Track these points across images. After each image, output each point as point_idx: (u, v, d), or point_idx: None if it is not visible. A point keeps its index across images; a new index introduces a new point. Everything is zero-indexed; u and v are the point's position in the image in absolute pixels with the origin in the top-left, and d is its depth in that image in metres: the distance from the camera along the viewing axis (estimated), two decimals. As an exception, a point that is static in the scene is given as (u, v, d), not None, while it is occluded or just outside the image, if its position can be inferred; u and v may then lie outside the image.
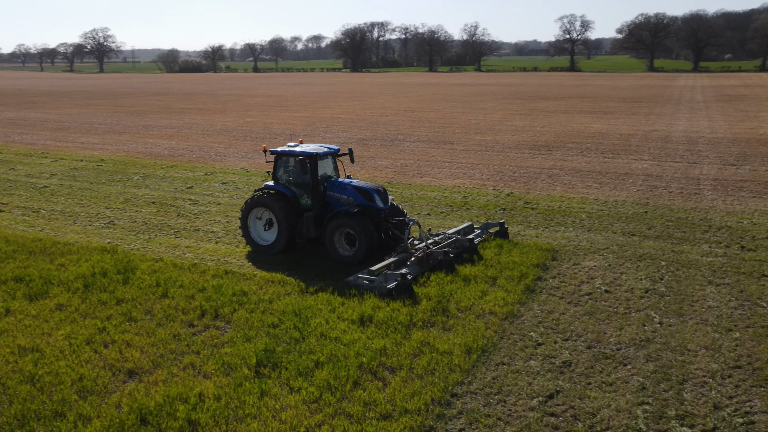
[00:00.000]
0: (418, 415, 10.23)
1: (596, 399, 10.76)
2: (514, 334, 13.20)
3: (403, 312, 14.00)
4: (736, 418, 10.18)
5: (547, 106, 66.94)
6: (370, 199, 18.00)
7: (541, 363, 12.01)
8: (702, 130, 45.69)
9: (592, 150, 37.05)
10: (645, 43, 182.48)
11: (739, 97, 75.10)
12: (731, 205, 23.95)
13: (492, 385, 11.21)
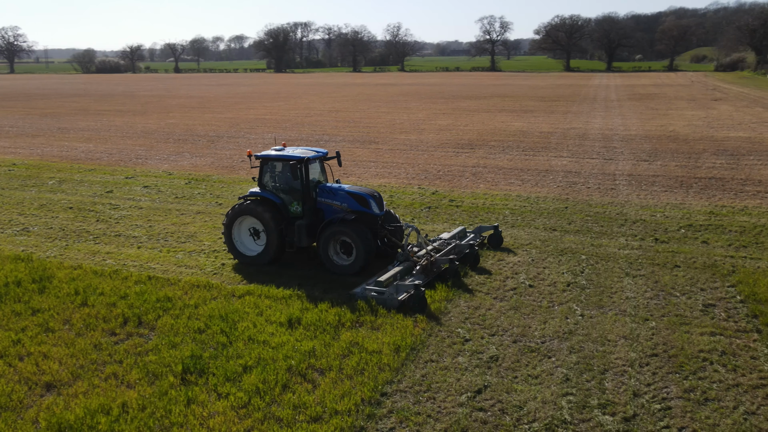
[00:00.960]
0: (348, 416, 10.22)
1: (523, 392, 11.00)
2: (442, 331, 13.35)
3: (331, 313, 13.96)
4: (654, 404, 10.60)
5: (469, 105, 68.09)
6: (365, 205, 17.10)
7: (469, 359, 12.20)
8: (616, 127, 47.39)
9: (514, 148, 37.89)
10: (561, 44, 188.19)
11: (649, 96, 78.29)
12: (645, 199, 24.93)
13: (421, 383, 11.31)
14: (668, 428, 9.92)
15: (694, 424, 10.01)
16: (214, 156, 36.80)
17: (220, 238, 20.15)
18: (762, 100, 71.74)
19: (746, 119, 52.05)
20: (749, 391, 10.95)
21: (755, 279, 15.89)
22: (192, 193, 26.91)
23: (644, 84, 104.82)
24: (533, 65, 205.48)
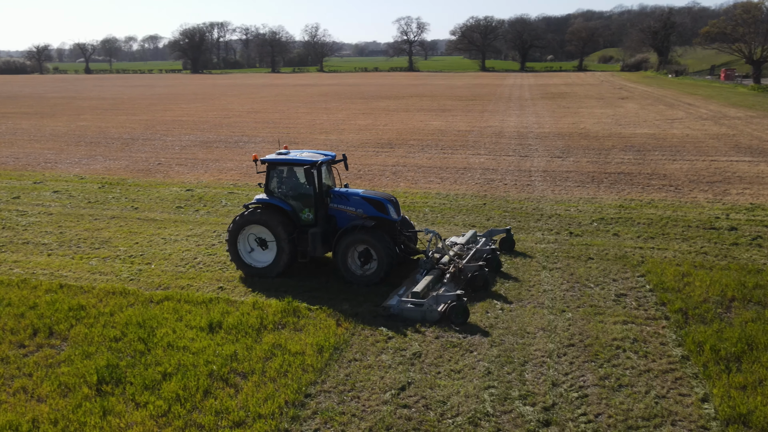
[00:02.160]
0: (272, 419, 10.09)
1: (446, 387, 11.14)
2: (366, 330, 13.36)
3: (253, 315, 13.76)
4: (572, 392, 10.93)
5: (388, 105, 68.53)
6: (383, 211, 16.22)
7: (393, 356, 12.26)
8: (531, 125, 48.69)
9: (433, 146, 38.36)
10: (476, 45, 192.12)
11: (561, 95, 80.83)
12: (559, 194, 25.70)
13: (345, 382, 11.29)
14: (585, 415, 10.24)
15: (609, 410, 10.38)
16: (129, 159, 35.67)
17: (137, 243, 19.56)
18: (665, 98, 75.18)
19: (651, 117, 54.42)
20: (659, 375, 11.43)
21: (662, 268, 16.62)
22: (106, 198, 25.99)
23: (556, 83, 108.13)
24: (450, 65, 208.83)
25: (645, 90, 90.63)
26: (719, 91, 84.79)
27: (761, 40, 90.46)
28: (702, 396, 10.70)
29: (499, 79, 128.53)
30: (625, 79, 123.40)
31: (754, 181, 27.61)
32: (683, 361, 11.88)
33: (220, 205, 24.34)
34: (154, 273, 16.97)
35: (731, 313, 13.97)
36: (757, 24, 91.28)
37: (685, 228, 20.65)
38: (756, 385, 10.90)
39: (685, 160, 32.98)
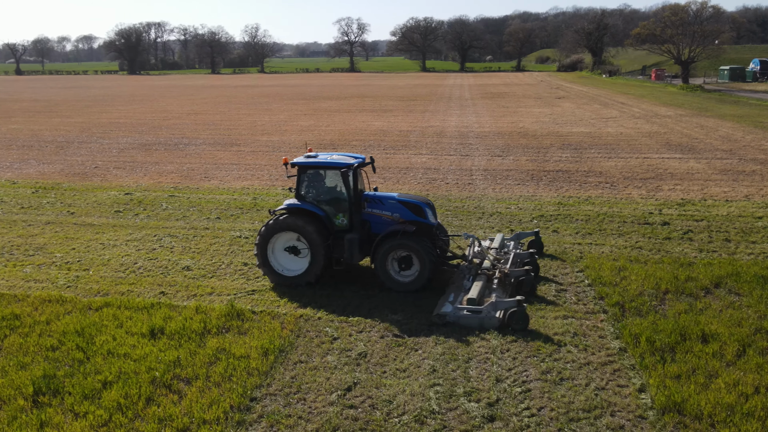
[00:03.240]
0: (217, 424, 9.97)
1: (392, 386, 11.20)
2: (310, 331, 13.33)
3: (196, 320, 13.57)
4: (515, 387, 11.13)
5: (330, 105, 68.43)
6: (420, 215, 15.72)
7: (338, 357, 12.26)
8: (471, 125, 49.34)
9: (375, 147, 38.48)
10: (417, 45, 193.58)
11: (500, 95, 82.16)
12: (500, 192, 26.13)
13: (291, 385, 11.24)
14: (528, 409, 10.45)
15: (551, 403, 10.61)
16: (64, 162, 34.63)
17: (73, 249, 19.03)
18: (599, 97, 77.20)
19: (586, 116, 55.82)
20: (599, 368, 11.75)
21: (600, 263, 17.08)
22: (40, 203, 25.18)
23: (495, 83, 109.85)
24: (391, 66, 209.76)
25: (580, 90, 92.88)
26: (650, 91, 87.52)
27: (688, 42, 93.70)
28: (639, 386, 11.04)
29: (439, 79, 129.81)
30: (561, 79, 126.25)
31: (684, 178, 28.61)
32: (621, 353, 12.24)
33: (160, 208, 23.87)
34: (93, 279, 16.55)
35: (665, 305, 14.46)
36: (685, 26, 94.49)
37: (621, 224, 21.26)
38: (689, 374, 11.32)
39: (619, 158, 33.93)
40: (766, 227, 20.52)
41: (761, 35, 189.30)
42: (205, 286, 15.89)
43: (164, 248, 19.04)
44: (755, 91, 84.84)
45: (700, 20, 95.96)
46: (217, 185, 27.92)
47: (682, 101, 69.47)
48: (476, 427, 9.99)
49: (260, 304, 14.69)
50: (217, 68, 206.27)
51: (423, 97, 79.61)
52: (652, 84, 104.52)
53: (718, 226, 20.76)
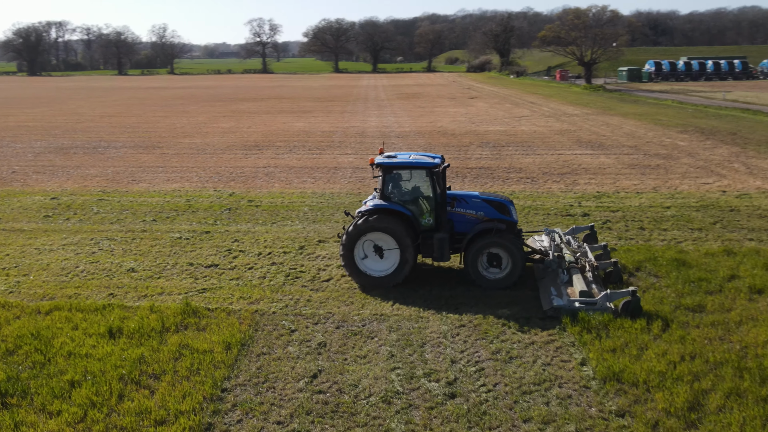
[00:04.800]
0: (194, 414, 10.31)
1: (355, 372, 11.81)
2: (267, 325, 13.76)
3: (152, 319, 13.74)
4: (470, 367, 11.97)
5: (248, 107, 68.09)
6: (505, 212, 15.95)
7: (299, 347, 12.76)
8: (391, 125, 50.39)
9: (300, 147, 38.85)
10: (330, 47, 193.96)
11: (415, 95, 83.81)
12: (429, 190, 27.06)
13: (258, 375, 11.67)
14: (485, 386, 11.29)
15: (504, 379, 11.50)
16: (-26, 168, 33.27)
17: (7, 254, 18.62)
18: (510, 97, 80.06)
19: (500, 115, 57.95)
20: (542, 346, 12.75)
21: (532, 253, 18.20)
22: (-42, 210, 24.26)
23: (408, 84, 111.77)
24: (303, 67, 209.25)
25: (491, 90, 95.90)
26: (557, 91, 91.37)
27: (590, 44, 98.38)
28: (580, 360, 12.10)
29: (353, 80, 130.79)
30: (471, 79, 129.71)
31: (597, 172, 30.46)
32: (560, 332, 13.29)
33: (91, 212, 23.51)
34: (35, 284, 16.33)
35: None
36: (587, 29, 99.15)
37: (546, 216, 22.59)
38: (623, 347, 12.46)
39: (536, 155, 35.65)
40: (674, 216, 22.28)
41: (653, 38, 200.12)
42: (155, 287, 16.00)
43: (104, 251, 18.91)
44: (651, 90, 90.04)
45: (600, 24, 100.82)
46: (147, 188, 27.65)
47: (587, 100, 72.96)
48: (439, 403, 10.73)
49: (213, 302, 14.98)
50: (124, 69, 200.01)
51: (340, 98, 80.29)
52: (558, 84, 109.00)
53: (632, 216, 22.39)
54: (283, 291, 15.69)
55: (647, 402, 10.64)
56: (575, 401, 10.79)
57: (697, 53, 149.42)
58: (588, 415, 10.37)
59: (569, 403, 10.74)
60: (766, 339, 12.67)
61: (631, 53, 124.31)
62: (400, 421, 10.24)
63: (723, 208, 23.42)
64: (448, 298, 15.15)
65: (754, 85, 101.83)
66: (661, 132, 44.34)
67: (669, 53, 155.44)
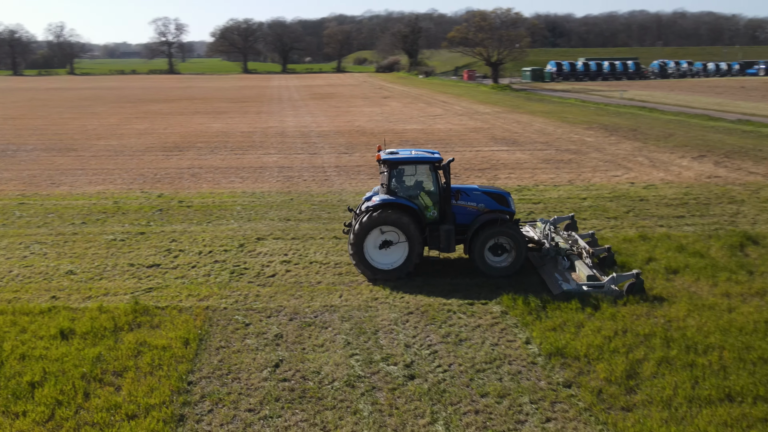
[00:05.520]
0: (165, 407, 10.47)
1: (315, 360, 12.23)
2: (221, 320, 13.96)
3: (103, 319, 13.69)
4: (424, 350, 12.61)
5: (161, 108, 66.63)
6: (504, 204, 16.77)
7: (257, 340, 13.05)
8: (309, 125, 50.67)
9: (221, 148, 38.60)
10: (238, 47, 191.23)
11: (328, 95, 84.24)
12: (357, 186, 27.65)
13: (221, 367, 11.91)
14: (440, 366, 11.95)
15: (458, 360, 12.21)
16: None
17: (-68, 261, 17.87)
18: (422, 97, 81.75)
19: (415, 114, 59.24)
20: (488, 329, 13.55)
21: (467, 243, 19.08)
22: None
23: (320, 84, 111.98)
24: (211, 67, 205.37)
25: (402, 89, 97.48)
26: (466, 90, 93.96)
27: (497, 45, 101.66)
28: (525, 339, 12.97)
29: (264, 80, 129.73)
30: (381, 79, 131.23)
31: (515, 167, 31.88)
32: (503, 315, 14.15)
33: (14, 216, 22.72)
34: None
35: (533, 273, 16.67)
36: (493, 31, 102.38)
37: (473, 209, 23.53)
38: (562, 326, 13.42)
39: (454, 152, 36.80)
40: (591, 206, 23.75)
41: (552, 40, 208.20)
42: (98, 288, 15.84)
43: (37, 255, 18.46)
44: (554, 90, 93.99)
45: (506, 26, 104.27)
46: (69, 191, 26.91)
47: (496, 99, 75.49)
48: (401, 385, 11.32)
49: (162, 300, 15.00)
50: (19, 69, 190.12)
51: (253, 98, 79.69)
52: (466, 84, 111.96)
53: (553, 207, 23.70)
54: (230, 287, 15.88)
55: (590, 373, 11.60)
56: (525, 376, 11.61)
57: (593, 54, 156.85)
58: (538, 387, 11.21)
59: (520, 377, 11.55)
60: (685, 313, 13.94)
61: (533, 54, 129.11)
62: (367, 402, 10.75)
63: (633, 198, 25.13)
64: (393, 288, 15.75)
65: (647, 84, 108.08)
66: (569, 129, 46.60)
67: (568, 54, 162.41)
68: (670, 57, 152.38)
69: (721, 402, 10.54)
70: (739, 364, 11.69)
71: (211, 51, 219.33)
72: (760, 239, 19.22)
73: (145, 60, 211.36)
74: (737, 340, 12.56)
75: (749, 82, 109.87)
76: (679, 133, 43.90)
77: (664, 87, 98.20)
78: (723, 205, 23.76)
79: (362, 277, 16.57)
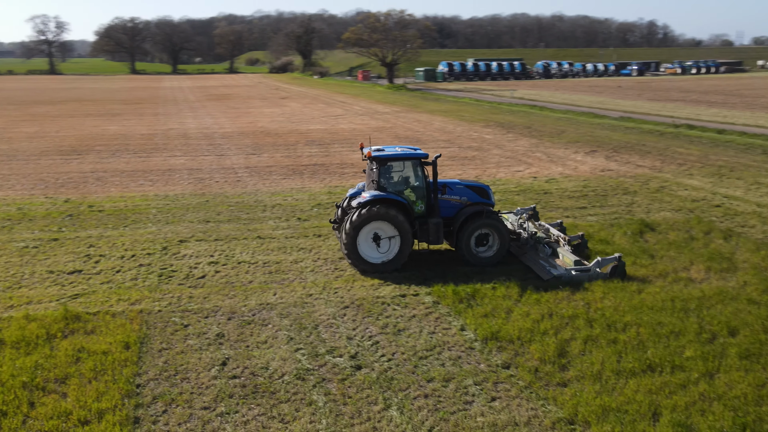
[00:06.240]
0: (118, 410, 10.36)
1: (262, 356, 12.39)
2: (158, 323, 13.83)
3: (33, 327, 13.26)
4: (366, 342, 13.03)
5: (48, 110, 63.52)
6: (486, 196, 17.62)
7: (198, 340, 13.05)
8: (211, 126, 49.91)
9: (123, 151, 37.47)
10: (124, 46, 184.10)
11: (225, 97, 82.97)
12: (271, 187, 27.68)
13: (167, 369, 11.86)
14: (384, 356, 12.40)
15: (400, 349, 12.71)
16: None
17: None
18: (320, 97, 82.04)
19: (316, 114, 59.50)
20: (423, 318, 14.14)
21: (390, 239, 19.63)
22: None
23: (215, 86, 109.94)
24: (95, 68, 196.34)
25: (299, 90, 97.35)
26: (363, 90, 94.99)
27: (391, 46, 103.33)
28: (460, 327, 13.64)
29: (155, 81, 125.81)
30: (276, 80, 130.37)
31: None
32: (435, 305, 14.78)
33: None
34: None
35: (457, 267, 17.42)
36: (387, 32, 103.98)
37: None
38: (493, 312, 14.18)
39: (363, 151, 37.38)
40: (500, 200, 24.80)
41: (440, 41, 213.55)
42: (20, 297, 15.25)
43: (-57, 265, 17.49)
44: (448, 89, 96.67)
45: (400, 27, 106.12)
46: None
47: (393, 99, 76.84)
48: (350, 375, 11.69)
49: (92, 306, 14.66)
50: None
51: (147, 100, 77.29)
52: (362, 84, 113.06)
53: (466, 202, 24.66)
54: (161, 290, 15.71)
55: (525, 354, 12.40)
56: (466, 360, 12.27)
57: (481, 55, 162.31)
58: (479, 370, 11.88)
59: (461, 362, 12.19)
60: (601, 295, 15.06)
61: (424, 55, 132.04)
62: (320, 393, 11.06)
63: (538, 191, 26.55)
64: (325, 284, 16.09)
65: (533, 84, 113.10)
66: (468, 127, 48.27)
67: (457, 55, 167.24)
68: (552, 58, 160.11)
69: (644, 373, 11.58)
70: (655, 338, 12.83)
71: (96, 50, 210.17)
72: (656, 226, 20.88)
73: (23, 60, 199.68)
74: (650, 318, 13.75)
75: (624, 81, 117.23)
76: (569, 130, 46.45)
77: (549, 86, 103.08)
78: (619, 196, 25.53)
79: (293, 274, 16.80)
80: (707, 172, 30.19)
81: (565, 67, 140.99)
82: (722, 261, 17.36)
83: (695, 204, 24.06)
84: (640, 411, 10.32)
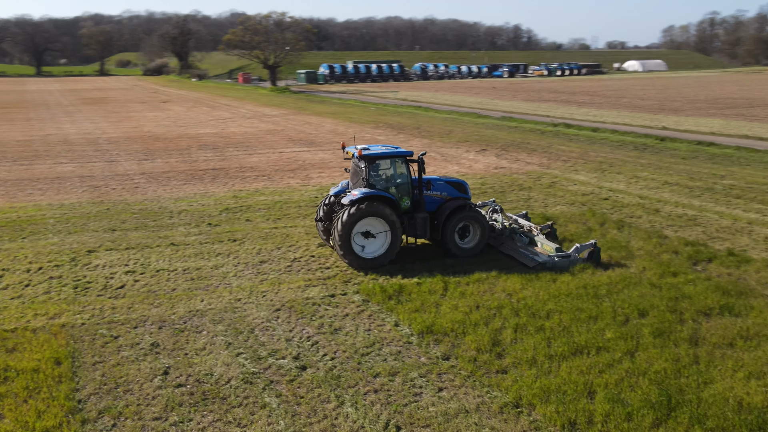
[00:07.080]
0: (65, 427, 9.97)
1: (204, 362, 12.23)
2: (85, 336, 13.31)
3: (-53, 349, 12.42)
4: (305, 342, 13.14)
5: None
6: (464, 191, 18.53)
7: (133, 351, 12.69)
8: (93, 131, 47.76)
9: (1, 158, 35.17)
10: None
11: (101, 100, 79.40)
12: (172, 192, 26.97)
13: (107, 382, 11.48)
14: (327, 355, 12.57)
15: (340, 347, 12.91)
16: None
17: None
18: (203, 100, 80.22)
19: (202, 118, 58.26)
20: (357, 317, 14.41)
21: (307, 241, 19.77)
22: None
23: (87, 89, 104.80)
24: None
25: (179, 93, 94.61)
26: (246, 93, 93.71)
27: (273, 49, 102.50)
28: (394, 322, 14.03)
29: (19, 84, 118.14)
30: (153, 83, 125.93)
31: (323, 167, 33.01)
32: (366, 303, 15.10)
33: None
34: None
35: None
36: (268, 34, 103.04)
37: (299, 207, 24.20)
38: (423, 307, 14.66)
39: (259, 154, 37.16)
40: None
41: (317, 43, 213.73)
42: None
43: None
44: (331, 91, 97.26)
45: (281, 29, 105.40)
46: None
47: (279, 102, 76.37)
48: (297, 375, 11.79)
49: (6, 323, 13.86)
50: None
51: (15, 104, 72.57)
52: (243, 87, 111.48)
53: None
54: (79, 303, 15.07)
55: (461, 345, 12.95)
56: (406, 354, 12.67)
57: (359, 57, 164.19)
58: (421, 362, 12.32)
59: (402, 356, 12.58)
60: (520, 286, 15.91)
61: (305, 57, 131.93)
62: (271, 395, 11.10)
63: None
64: (252, 288, 16.03)
65: (413, 85, 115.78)
66: (359, 128, 48.83)
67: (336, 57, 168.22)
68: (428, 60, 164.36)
69: (574, 355, 12.42)
70: (577, 323, 13.76)
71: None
72: (556, 219, 22.19)
73: None
74: (569, 304, 14.71)
75: (497, 83, 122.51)
76: (457, 130, 48.11)
77: (428, 88, 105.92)
78: (516, 192, 26.87)
79: (216, 280, 16.61)
80: (590, 168, 32.28)
81: (442, 69, 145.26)
82: (620, 249, 18.73)
83: (585, 198, 25.73)
84: (577, 390, 11.10)
